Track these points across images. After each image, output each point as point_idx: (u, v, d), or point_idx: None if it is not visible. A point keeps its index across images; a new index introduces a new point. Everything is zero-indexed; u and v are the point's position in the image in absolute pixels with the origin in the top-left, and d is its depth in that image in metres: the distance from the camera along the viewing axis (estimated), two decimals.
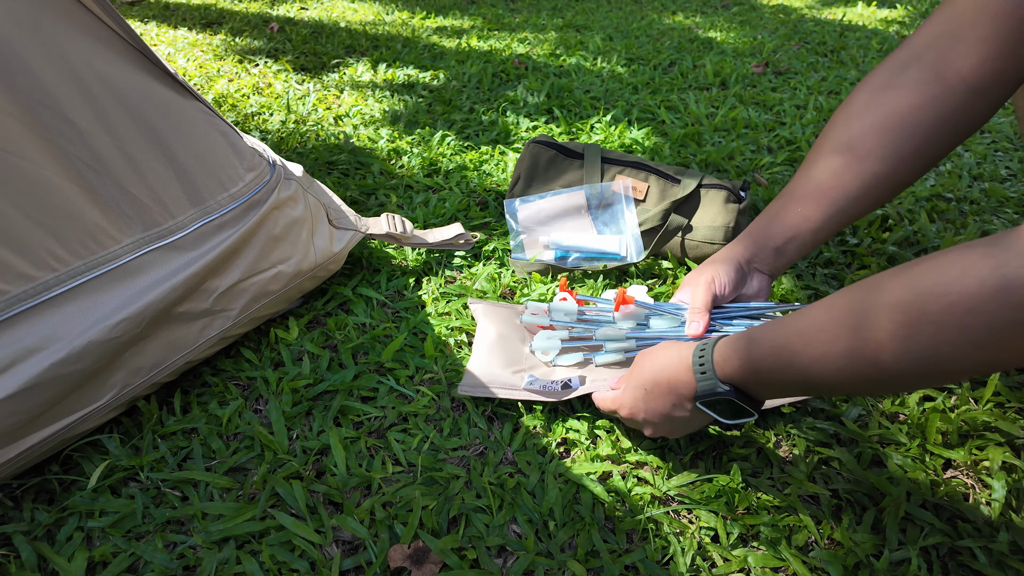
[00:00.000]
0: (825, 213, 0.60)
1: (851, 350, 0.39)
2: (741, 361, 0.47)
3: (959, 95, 0.53)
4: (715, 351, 0.49)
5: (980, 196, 1.05)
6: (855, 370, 0.40)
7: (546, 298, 0.83)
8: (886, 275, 0.39)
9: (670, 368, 0.52)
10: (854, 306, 0.39)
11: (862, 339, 0.38)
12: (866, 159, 0.57)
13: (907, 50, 0.56)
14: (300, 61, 1.75)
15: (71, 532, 0.54)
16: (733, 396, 0.48)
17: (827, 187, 0.60)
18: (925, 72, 0.54)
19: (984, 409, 0.65)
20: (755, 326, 0.48)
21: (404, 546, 0.53)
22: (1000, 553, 0.52)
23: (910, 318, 0.36)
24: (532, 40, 1.98)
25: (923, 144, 0.56)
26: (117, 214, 0.55)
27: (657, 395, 0.53)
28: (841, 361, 0.40)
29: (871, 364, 0.38)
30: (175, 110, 0.60)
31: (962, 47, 0.51)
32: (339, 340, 0.75)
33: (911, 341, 0.36)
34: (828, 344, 0.41)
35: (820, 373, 0.42)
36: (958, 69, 0.52)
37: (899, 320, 0.36)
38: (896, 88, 0.55)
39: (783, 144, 1.27)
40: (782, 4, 2.51)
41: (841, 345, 0.40)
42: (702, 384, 0.49)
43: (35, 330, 0.51)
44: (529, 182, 0.93)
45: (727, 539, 0.54)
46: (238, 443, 0.63)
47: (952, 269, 0.34)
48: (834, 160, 0.59)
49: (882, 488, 0.57)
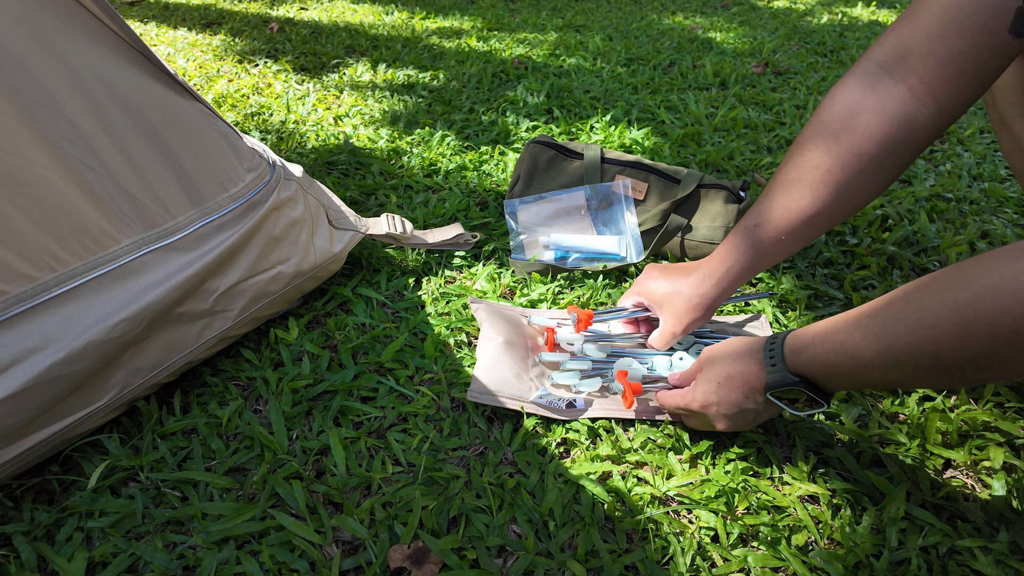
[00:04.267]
0: (803, 236, 0.61)
1: (912, 346, 0.41)
2: (809, 356, 0.49)
3: (929, 113, 0.53)
4: (785, 345, 0.51)
5: (980, 196, 1.05)
6: (918, 364, 0.41)
7: (545, 298, 0.83)
8: (944, 274, 0.40)
9: (742, 362, 0.55)
10: (912, 303, 0.41)
11: (922, 336, 0.40)
12: (845, 184, 0.57)
13: (876, 59, 0.56)
14: (300, 61, 1.75)
15: (71, 532, 0.54)
16: (803, 387, 0.50)
17: (809, 211, 0.59)
18: (896, 86, 0.54)
19: (984, 409, 0.65)
20: (827, 320, 0.49)
21: (404, 546, 0.53)
22: (1000, 553, 0.52)
23: (966, 319, 0.37)
24: (532, 40, 1.98)
25: (898, 161, 0.56)
26: (117, 214, 0.55)
27: (730, 388, 0.55)
28: (904, 356, 0.42)
29: (933, 358, 0.40)
30: (175, 110, 0.60)
31: (932, 61, 0.51)
32: (339, 340, 0.75)
33: (969, 341, 0.37)
34: (891, 340, 0.42)
35: (885, 367, 0.43)
36: (928, 85, 0.52)
37: (956, 320, 0.38)
38: (870, 111, 0.55)
39: (783, 144, 1.27)
40: (782, 4, 2.51)
41: (903, 342, 0.41)
42: (772, 376, 0.51)
43: (35, 330, 0.51)
44: (529, 182, 0.93)
45: (727, 539, 0.54)
46: (238, 443, 0.63)
47: (1006, 271, 0.36)
48: (815, 185, 0.58)
49: (882, 488, 0.57)
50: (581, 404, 0.65)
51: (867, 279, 0.86)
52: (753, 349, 0.54)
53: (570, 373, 0.68)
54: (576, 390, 0.67)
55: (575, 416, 0.65)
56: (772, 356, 0.52)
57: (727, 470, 0.59)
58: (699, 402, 0.58)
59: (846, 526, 0.55)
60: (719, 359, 0.58)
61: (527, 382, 0.68)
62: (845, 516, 0.56)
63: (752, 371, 0.54)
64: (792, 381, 0.50)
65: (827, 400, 0.51)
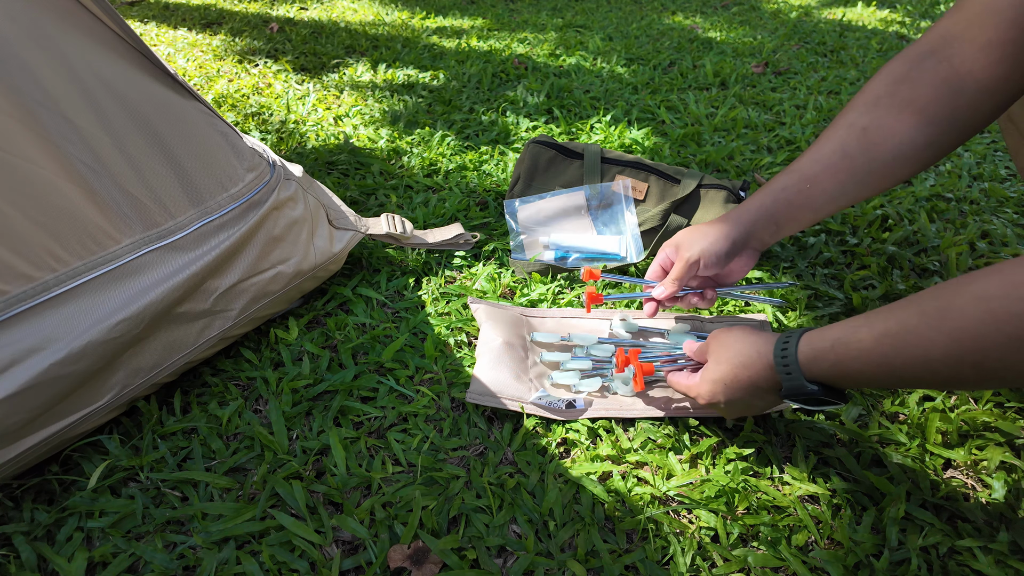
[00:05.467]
0: (829, 193, 0.61)
1: (950, 355, 0.39)
2: (829, 363, 0.47)
3: (970, 93, 0.53)
4: (799, 352, 0.49)
5: (980, 196, 1.05)
6: (954, 373, 0.40)
7: (545, 298, 0.83)
8: (983, 277, 0.39)
9: (750, 365, 0.53)
10: (952, 310, 0.39)
11: (965, 347, 0.39)
12: (879, 145, 0.57)
13: (924, 44, 0.57)
14: (300, 61, 1.75)
15: (71, 532, 0.54)
16: (822, 395, 0.49)
17: (836, 167, 0.60)
18: (940, 65, 0.55)
19: (984, 409, 0.65)
20: (839, 324, 0.48)
21: (404, 546, 0.53)
22: (1000, 553, 0.52)
23: (1015, 329, 0.36)
24: (532, 40, 1.98)
25: (936, 136, 0.56)
26: (117, 214, 0.55)
27: (737, 389, 0.55)
28: (940, 365, 0.40)
29: (974, 367, 0.39)
30: (175, 110, 0.60)
31: (973, 47, 0.52)
32: (339, 340, 0.75)
33: (1017, 352, 0.36)
34: (928, 349, 0.41)
35: (918, 375, 0.42)
36: (970, 68, 0.53)
37: (1003, 330, 0.37)
38: (912, 81, 0.56)
39: (783, 144, 1.27)
40: (782, 4, 2.51)
41: (942, 351, 0.40)
42: (788, 383, 0.50)
43: (35, 330, 0.51)
44: (529, 182, 0.93)
45: (727, 539, 0.54)
46: (238, 443, 0.63)
47: None
48: (848, 141, 0.59)
49: (882, 488, 0.57)
50: (581, 404, 0.66)
51: (867, 279, 0.86)
52: (762, 352, 0.52)
53: (570, 373, 0.68)
54: (576, 390, 0.68)
55: (575, 416, 0.65)
56: (786, 363, 0.50)
57: (727, 470, 0.59)
58: (705, 398, 0.58)
59: (846, 526, 0.55)
60: (726, 358, 0.56)
61: (527, 383, 0.68)
62: (845, 516, 0.56)
63: (762, 376, 0.52)
64: (811, 391, 0.49)
65: (844, 399, 0.50)
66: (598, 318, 0.79)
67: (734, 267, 0.68)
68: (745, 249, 0.67)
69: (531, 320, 0.78)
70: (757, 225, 0.65)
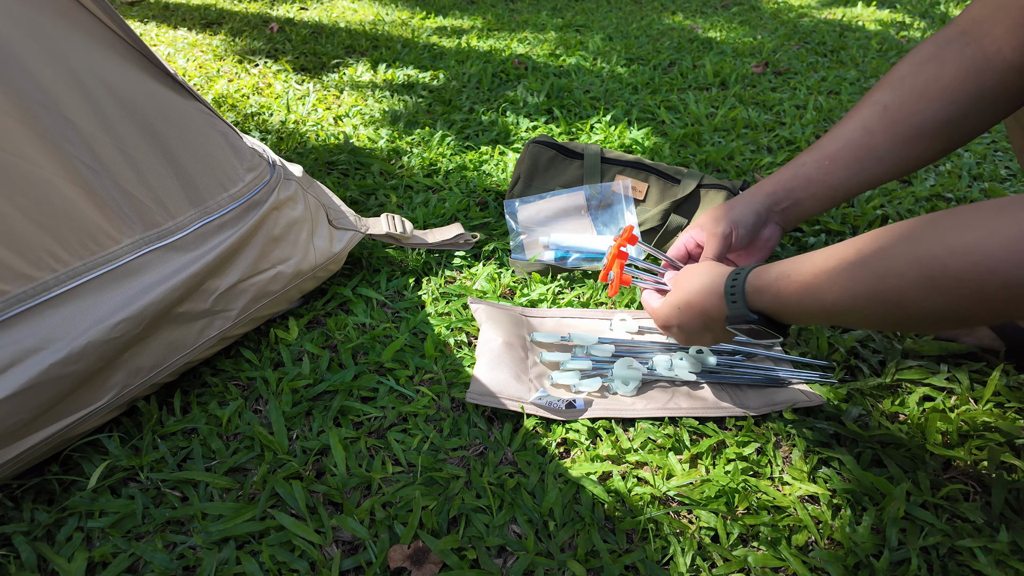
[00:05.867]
0: (849, 170, 0.61)
1: (876, 292, 0.42)
2: (771, 294, 0.50)
3: (998, 72, 0.54)
4: (747, 282, 0.52)
5: (980, 196, 1.05)
6: (878, 310, 0.42)
7: (545, 298, 0.83)
8: (918, 224, 0.40)
9: (703, 293, 0.56)
10: (884, 251, 0.41)
11: (888, 284, 0.41)
12: (901, 123, 0.58)
13: (954, 27, 0.57)
14: (300, 61, 1.75)
15: (71, 532, 0.54)
16: (762, 324, 0.52)
17: (857, 144, 0.60)
18: (968, 46, 0.55)
19: (984, 409, 0.65)
20: (788, 259, 0.50)
21: (404, 546, 0.53)
22: (1000, 553, 0.52)
23: (934, 272, 0.38)
24: (532, 40, 1.98)
25: (959, 116, 0.56)
26: (117, 214, 0.55)
27: (689, 315, 0.59)
28: (865, 301, 0.43)
29: (895, 306, 0.41)
30: (175, 110, 0.60)
31: (1003, 27, 0.53)
32: (339, 340, 0.75)
33: (934, 292, 0.38)
34: (855, 285, 0.43)
35: (845, 310, 0.45)
36: (999, 47, 0.53)
37: (924, 272, 0.39)
38: (939, 60, 0.56)
39: (783, 144, 1.27)
40: (782, 4, 2.51)
41: (866, 287, 0.42)
42: (732, 311, 0.53)
43: (35, 330, 0.51)
44: (529, 182, 0.93)
45: (727, 539, 0.54)
46: (238, 443, 0.63)
47: (979, 228, 0.36)
48: (870, 118, 0.60)
49: (882, 488, 0.57)
50: (581, 404, 0.66)
51: None
52: (715, 282, 0.55)
53: (570, 373, 0.68)
54: (576, 390, 0.68)
55: (575, 416, 0.65)
56: (733, 293, 0.53)
57: (727, 470, 0.59)
58: (660, 320, 0.62)
59: (846, 526, 0.55)
60: (685, 285, 0.59)
61: (527, 383, 0.68)
62: (845, 516, 0.56)
63: (712, 303, 0.55)
64: (751, 319, 0.52)
65: (784, 333, 0.53)
66: (598, 318, 0.79)
67: (763, 238, 0.68)
68: (768, 223, 0.67)
69: (531, 320, 0.78)
70: (778, 196, 0.65)
